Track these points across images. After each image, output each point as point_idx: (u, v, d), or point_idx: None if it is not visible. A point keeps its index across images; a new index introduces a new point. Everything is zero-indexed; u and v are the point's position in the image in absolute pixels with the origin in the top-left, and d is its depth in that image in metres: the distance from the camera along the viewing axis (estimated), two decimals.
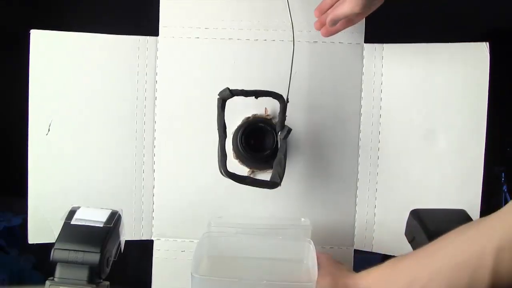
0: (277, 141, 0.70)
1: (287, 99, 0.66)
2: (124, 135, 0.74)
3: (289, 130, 0.66)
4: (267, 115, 0.73)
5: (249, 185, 0.64)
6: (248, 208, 0.73)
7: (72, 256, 0.56)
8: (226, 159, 0.64)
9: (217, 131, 0.64)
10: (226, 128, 0.65)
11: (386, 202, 0.73)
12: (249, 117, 0.73)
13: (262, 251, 0.65)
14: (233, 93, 0.64)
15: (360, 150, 0.73)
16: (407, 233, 0.64)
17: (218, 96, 0.64)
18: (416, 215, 0.62)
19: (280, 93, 0.66)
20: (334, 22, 0.64)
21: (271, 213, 0.73)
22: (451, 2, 0.84)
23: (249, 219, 0.71)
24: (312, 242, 0.62)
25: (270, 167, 0.72)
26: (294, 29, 0.67)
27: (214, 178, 0.73)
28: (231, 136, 0.72)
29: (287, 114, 0.67)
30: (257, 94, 0.65)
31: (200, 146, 0.73)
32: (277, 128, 0.67)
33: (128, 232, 0.68)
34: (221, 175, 0.63)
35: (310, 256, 0.62)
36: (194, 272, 0.56)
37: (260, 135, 0.72)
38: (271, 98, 0.66)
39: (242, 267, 0.65)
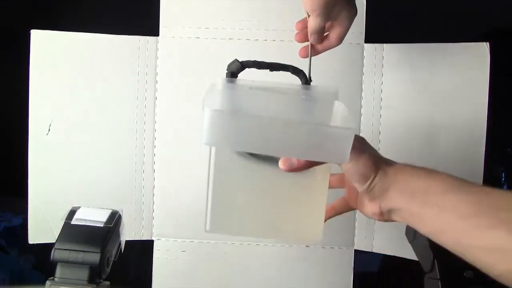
0: None
1: (310, 78, 0.59)
2: (124, 135, 0.74)
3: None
4: None
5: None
6: None
7: (72, 256, 0.56)
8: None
9: None
10: None
11: None
12: None
13: (282, 113, 0.51)
14: (243, 64, 0.55)
15: None
16: (407, 233, 0.64)
17: (226, 70, 0.56)
18: None
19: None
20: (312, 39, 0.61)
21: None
22: (451, 2, 0.84)
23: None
24: (342, 104, 0.51)
25: None
26: (293, 30, 0.67)
27: None
28: None
29: None
30: (272, 67, 0.56)
31: (200, 146, 0.73)
32: None
33: (128, 232, 0.68)
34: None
35: (338, 116, 0.51)
36: (207, 105, 0.44)
37: None
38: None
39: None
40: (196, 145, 0.73)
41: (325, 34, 0.61)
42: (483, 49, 0.71)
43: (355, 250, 0.74)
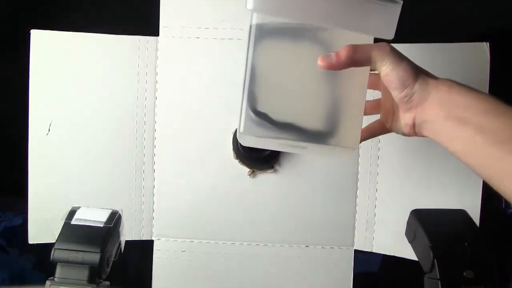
0: None
1: None
2: (124, 135, 0.74)
3: None
4: None
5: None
6: (249, 209, 0.73)
7: (72, 256, 0.56)
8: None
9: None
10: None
11: (386, 202, 0.73)
12: None
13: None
14: None
15: (360, 150, 0.73)
16: (407, 233, 0.64)
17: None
18: (416, 215, 0.62)
19: None
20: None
21: (274, 212, 0.73)
22: (452, 2, 0.84)
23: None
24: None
25: (271, 167, 0.72)
26: None
27: (214, 178, 0.73)
28: (232, 136, 0.72)
29: None
30: None
31: (200, 146, 0.73)
32: None
33: (128, 232, 0.68)
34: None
35: (394, 14, 0.49)
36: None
37: None
38: None
39: None
40: (196, 145, 0.73)
41: None
42: (483, 49, 0.71)
43: (355, 250, 0.74)
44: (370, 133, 0.57)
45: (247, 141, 0.53)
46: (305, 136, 0.51)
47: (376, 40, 0.50)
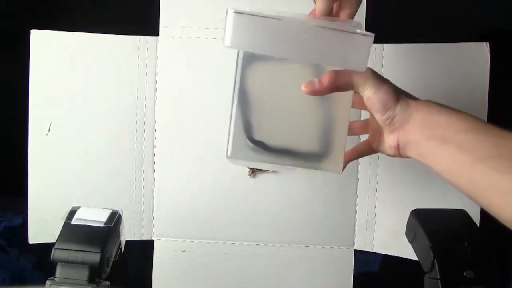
0: None
1: None
2: (124, 135, 0.74)
3: None
4: None
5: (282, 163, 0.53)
6: (249, 209, 0.73)
7: (72, 256, 0.56)
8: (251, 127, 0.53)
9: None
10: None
11: (386, 202, 0.73)
12: None
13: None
14: None
15: None
16: (407, 233, 0.64)
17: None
18: (416, 215, 0.62)
19: None
20: None
21: (274, 212, 0.73)
22: (452, 2, 0.84)
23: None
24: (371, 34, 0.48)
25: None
26: None
27: (214, 178, 0.73)
28: None
29: None
30: None
31: (200, 146, 0.73)
32: None
33: (128, 232, 0.68)
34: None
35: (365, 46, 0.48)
36: (231, 10, 0.45)
37: None
38: None
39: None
40: (196, 145, 0.73)
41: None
42: (483, 49, 0.71)
43: (355, 250, 0.74)
44: (358, 153, 0.58)
45: (235, 162, 0.54)
46: (294, 160, 0.53)
47: None
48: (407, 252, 0.64)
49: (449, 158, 0.46)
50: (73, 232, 0.58)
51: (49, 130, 0.73)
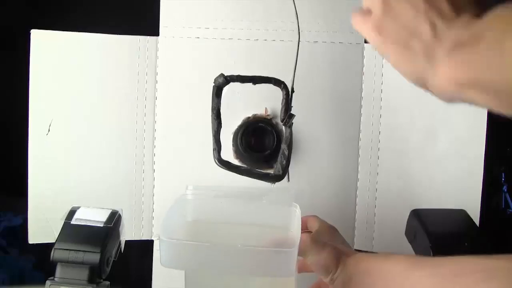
0: (277, 141, 0.70)
1: (292, 88, 0.63)
2: (124, 135, 0.74)
3: (292, 115, 0.62)
4: (267, 115, 0.73)
5: (246, 175, 0.62)
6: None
7: (72, 256, 0.56)
8: (220, 148, 0.62)
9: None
10: (220, 114, 0.62)
11: (386, 202, 0.73)
12: (249, 117, 0.73)
13: (243, 216, 0.60)
14: (228, 79, 0.61)
15: (360, 150, 0.73)
16: (407, 233, 0.64)
17: (213, 84, 0.62)
18: (416, 215, 0.62)
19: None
20: None
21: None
22: None
23: (231, 185, 0.69)
24: (298, 207, 0.59)
25: (271, 167, 0.72)
26: (294, 30, 0.67)
27: (214, 178, 0.73)
28: (231, 136, 0.72)
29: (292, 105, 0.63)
30: (254, 80, 0.61)
31: (200, 146, 0.73)
32: (280, 117, 0.63)
33: (128, 232, 0.68)
34: (216, 164, 0.61)
35: (295, 221, 0.58)
36: (162, 235, 0.51)
37: (260, 135, 0.72)
38: (272, 97, 0.65)
39: (220, 233, 0.61)
40: (196, 145, 0.73)
41: None
42: None
43: (355, 250, 0.74)
44: None
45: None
46: None
47: None
48: (407, 252, 0.64)
49: None
50: (73, 232, 0.58)
51: (49, 130, 0.73)
